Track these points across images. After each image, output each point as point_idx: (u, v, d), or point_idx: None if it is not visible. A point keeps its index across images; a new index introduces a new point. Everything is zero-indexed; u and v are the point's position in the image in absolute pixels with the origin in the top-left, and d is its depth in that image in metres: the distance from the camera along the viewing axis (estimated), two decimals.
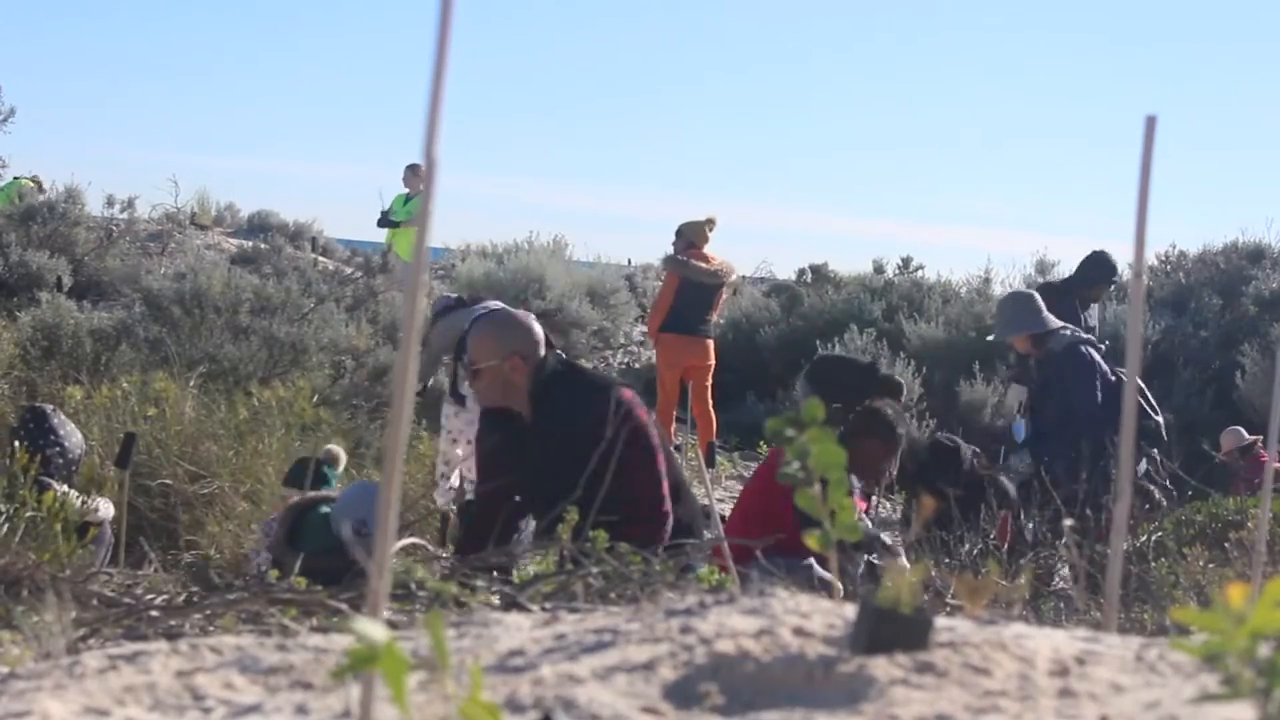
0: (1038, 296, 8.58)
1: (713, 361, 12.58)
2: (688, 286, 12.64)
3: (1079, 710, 1.33)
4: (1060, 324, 8.34)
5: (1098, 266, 10.70)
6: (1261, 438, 10.48)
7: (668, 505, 4.74)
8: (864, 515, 6.63)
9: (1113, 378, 8.18)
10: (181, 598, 3.28)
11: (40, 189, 19.39)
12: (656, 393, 12.48)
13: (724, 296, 12.56)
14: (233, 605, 2.72)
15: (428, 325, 6.95)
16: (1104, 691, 1.37)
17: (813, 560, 5.06)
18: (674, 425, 12.40)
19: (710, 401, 12.56)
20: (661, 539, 4.55)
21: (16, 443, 7.58)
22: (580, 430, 4.58)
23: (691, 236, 12.57)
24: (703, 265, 12.58)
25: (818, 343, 14.72)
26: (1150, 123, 1.59)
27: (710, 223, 12.75)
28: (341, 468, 6.95)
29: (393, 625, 2.11)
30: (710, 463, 12.27)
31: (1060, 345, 8.13)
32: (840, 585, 2.69)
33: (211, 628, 2.62)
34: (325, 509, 5.38)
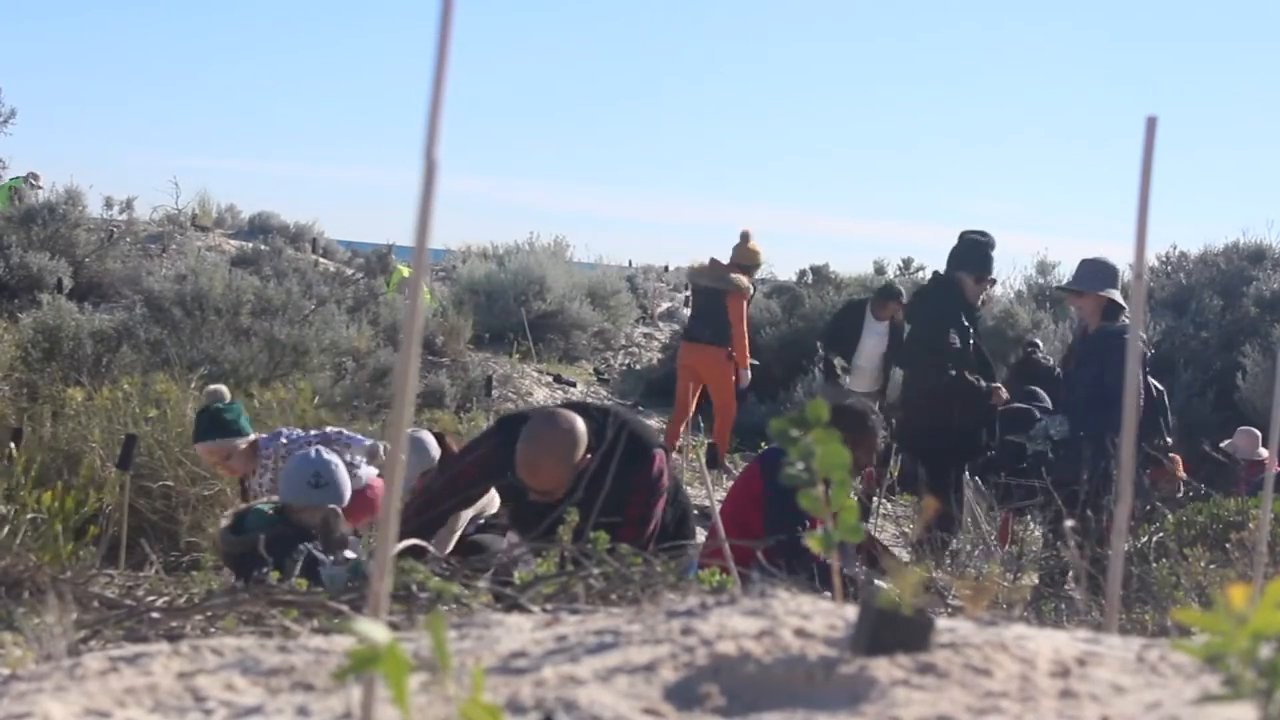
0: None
1: (722, 368, 12.66)
2: (694, 294, 12.96)
3: (1080, 711, 1.33)
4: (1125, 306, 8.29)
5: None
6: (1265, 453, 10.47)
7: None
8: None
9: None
10: (182, 599, 3.28)
11: (34, 184, 19.33)
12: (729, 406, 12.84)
13: (733, 304, 12.61)
14: (234, 607, 2.72)
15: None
16: (1105, 692, 1.37)
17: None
18: (684, 427, 12.52)
19: (724, 405, 12.73)
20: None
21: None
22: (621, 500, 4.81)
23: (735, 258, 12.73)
24: (696, 270, 12.89)
25: (818, 344, 14.73)
26: (1151, 123, 1.59)
27: (740, 238, 12.84)
28: (229, 399, 6.89)
29: (394, 626, 2.11)
30: (713, 464, 12.31)
31: (1118, 325, 8.09)
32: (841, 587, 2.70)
33: (213, 629, 2.62)
34: (263, 507, 5.49)
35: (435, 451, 6.21)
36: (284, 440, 6.68)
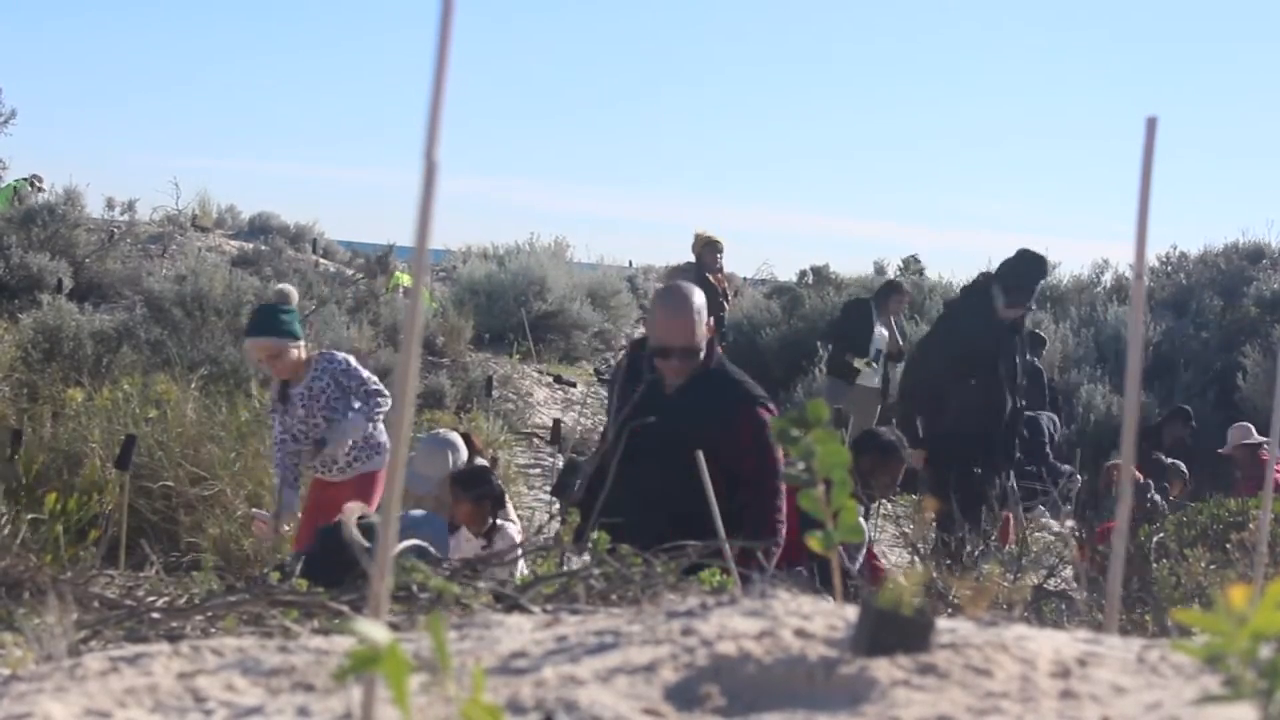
0: None
1: None
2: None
3: (1080, 712, 1.33)
4: None
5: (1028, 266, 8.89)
6: (1265, 440, 10.44)
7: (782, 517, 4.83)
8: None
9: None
10: (183, 599, 3.28)
11: (36, 186, 19.26)
12: None
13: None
14: (234, 607, 2.72)
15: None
16: (1105, 693, 1.37)
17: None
18: None
19: None
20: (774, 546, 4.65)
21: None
22: (722, 421, 4.77)
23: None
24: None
25: (819, 344, 14.72)
26: (1151, 124, 1.59)
27: (695, 239, 12.87)
28: (295, 303, 6.94)
29: (394, 627, 2.11)
30: None
31: None
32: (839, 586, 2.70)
33: (213, 630, 2.62)
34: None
35: (463, 452, 6.23)
36: (340, 363, 6.80)
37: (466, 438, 6.42)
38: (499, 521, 5.89)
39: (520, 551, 3.98)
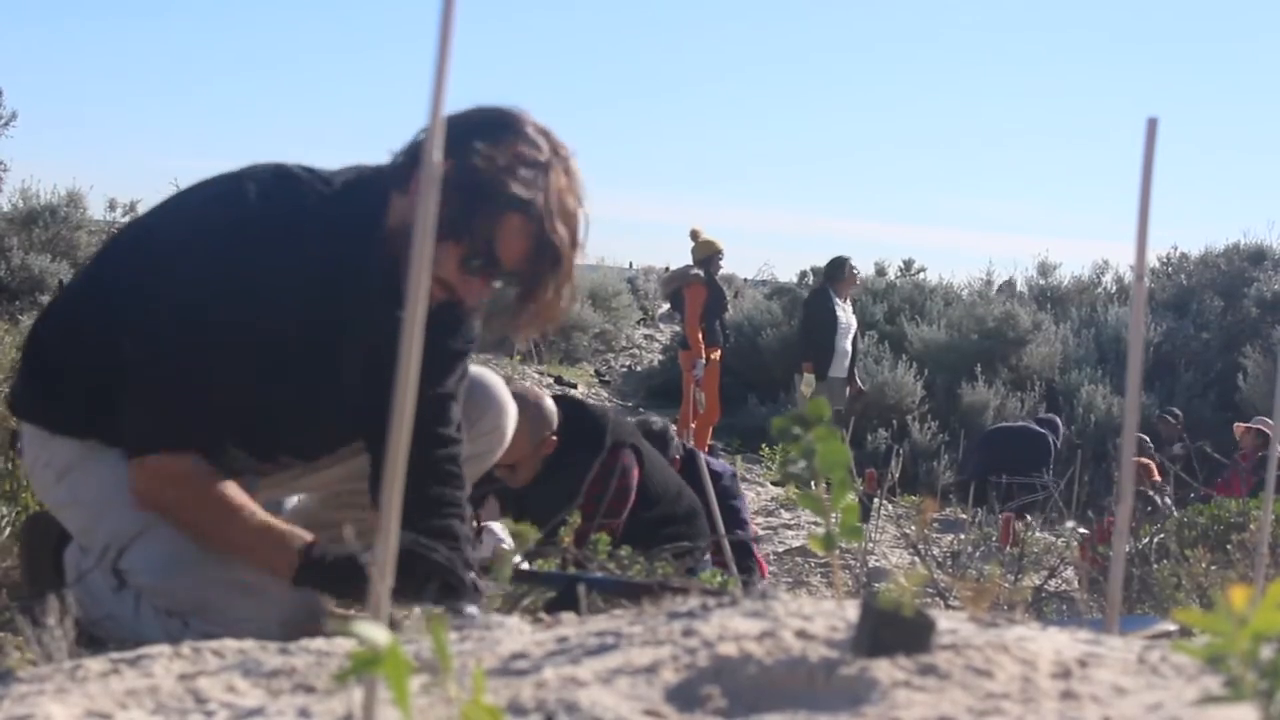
0: None
1: (685, 369, 12.97)
2: (673, 305, 13.17)
3: (1081, 712, 1.33)
4: None
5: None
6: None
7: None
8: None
9: None
10: None
11: None
12: (708, 406, 12.79)
13: (689, 296, 12.75)
14: None
15: None
16: (1106, 694, 1.37)
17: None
18: (684, 430, 12.56)
19: (694, 405, 12.90)
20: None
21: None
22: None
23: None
24: (664, 281, 13.18)
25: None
26: (1151, 125, 1.59)
27: (691, 237, 12.90)
28: None
29: (395, 628, 2.11)
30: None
31: None
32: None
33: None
34: None
35: None
36: None
37: None
38: (484, 523, 5.83)
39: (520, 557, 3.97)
